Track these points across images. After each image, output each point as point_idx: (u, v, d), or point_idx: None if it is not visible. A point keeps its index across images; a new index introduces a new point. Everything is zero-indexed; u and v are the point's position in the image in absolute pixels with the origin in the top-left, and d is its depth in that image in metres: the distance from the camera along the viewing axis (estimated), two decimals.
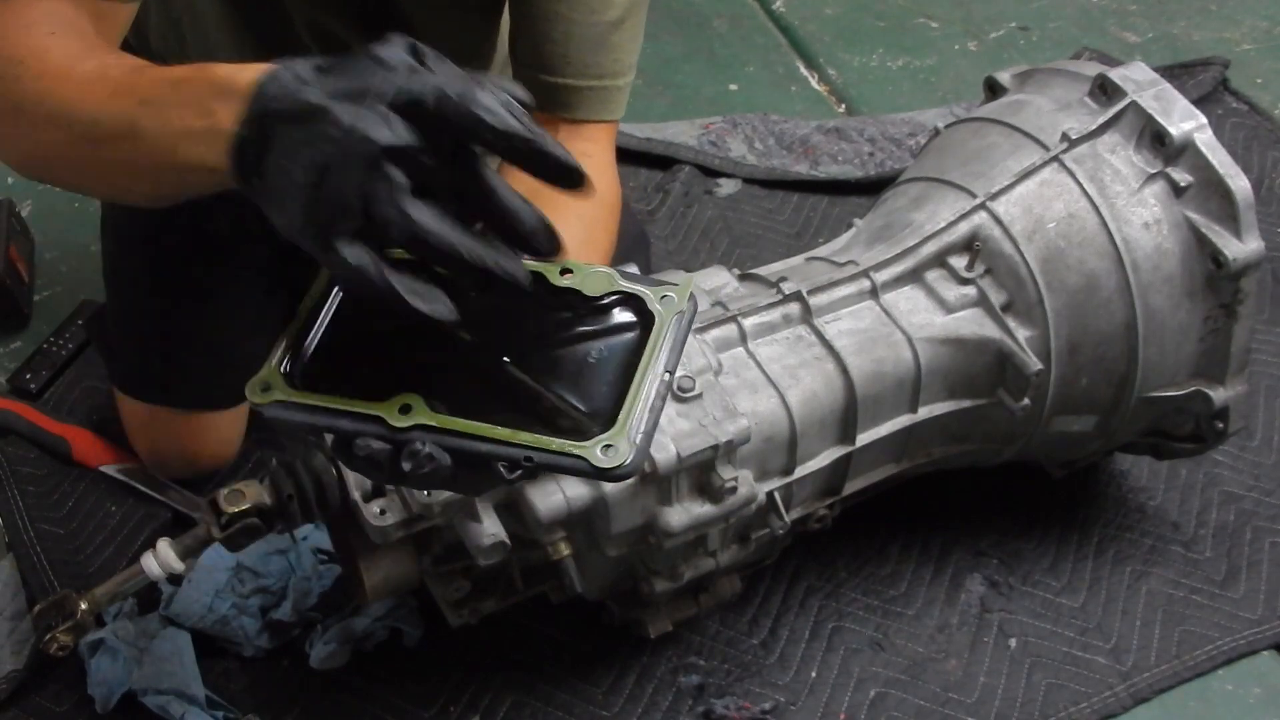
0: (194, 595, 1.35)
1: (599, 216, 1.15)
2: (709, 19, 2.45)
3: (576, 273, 0.87)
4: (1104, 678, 1.39)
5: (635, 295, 0.86)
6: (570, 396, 0.82)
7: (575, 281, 0.86)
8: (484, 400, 0.81)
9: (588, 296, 0.86)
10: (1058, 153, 1.31)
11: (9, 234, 1.80)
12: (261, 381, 0.83)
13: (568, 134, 1.17)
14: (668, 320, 0.85)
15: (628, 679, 1.38)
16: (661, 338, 0.84)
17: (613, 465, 0.78)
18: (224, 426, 1.53)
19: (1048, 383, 1.31)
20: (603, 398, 0.82)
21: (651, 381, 0.82)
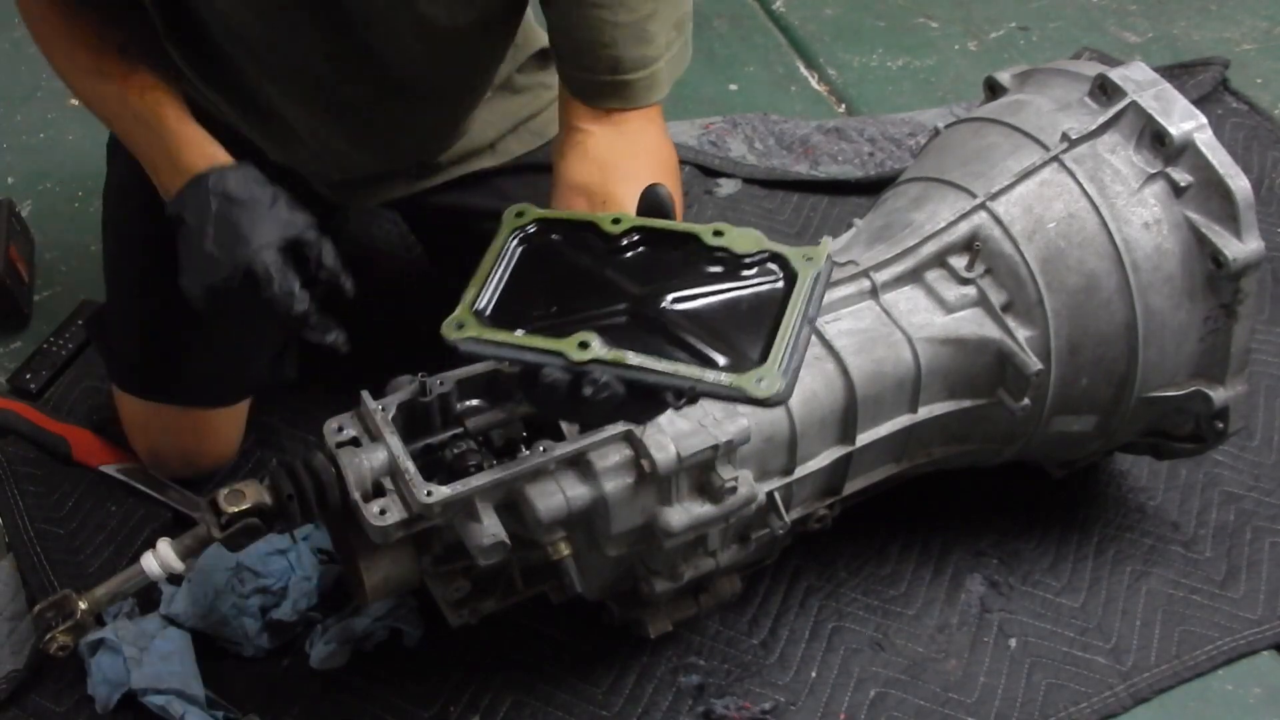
0: (194, 595, 1.35)
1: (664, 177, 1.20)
2: (709, 19, 2.45)
3: (727, 234, 0.99)
4: (1104, 678, 1.39)
5: (780, 254, 0.98)
6: (722, 339, 0.94)
7: (726, 241, 0.99)
8: (646, 341, 0.94)
9: (737, 254, 0.98)
10: (1058, 153, 1.31)
11: (9, 234, 1.80)
12: (456, 320, 0.98)
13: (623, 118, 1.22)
14: (808, 275, 0.96)
15: (628, 679, 1.38)
16: (804, 289, 0.96)
17: (766, 395, 0.89)
18: (223, 426, 1.53)
19: (1048, 383, 1.31)
20: (751, 341, 0.94)
21: (797, 326, 0.93)
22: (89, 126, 1.56)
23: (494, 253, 1.03)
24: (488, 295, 1.00)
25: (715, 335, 0.94)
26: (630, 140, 1.21)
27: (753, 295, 0.97)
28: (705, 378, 0.91)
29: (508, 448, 1.14)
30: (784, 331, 0.93)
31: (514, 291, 1.01)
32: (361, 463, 1.08)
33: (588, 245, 1.02)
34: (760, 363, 0.91)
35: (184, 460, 1.52)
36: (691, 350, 0.93)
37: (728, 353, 0.93)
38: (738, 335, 0.94)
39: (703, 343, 0.94)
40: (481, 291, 1.00)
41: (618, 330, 0.95)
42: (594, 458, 1.11)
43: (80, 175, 1.98)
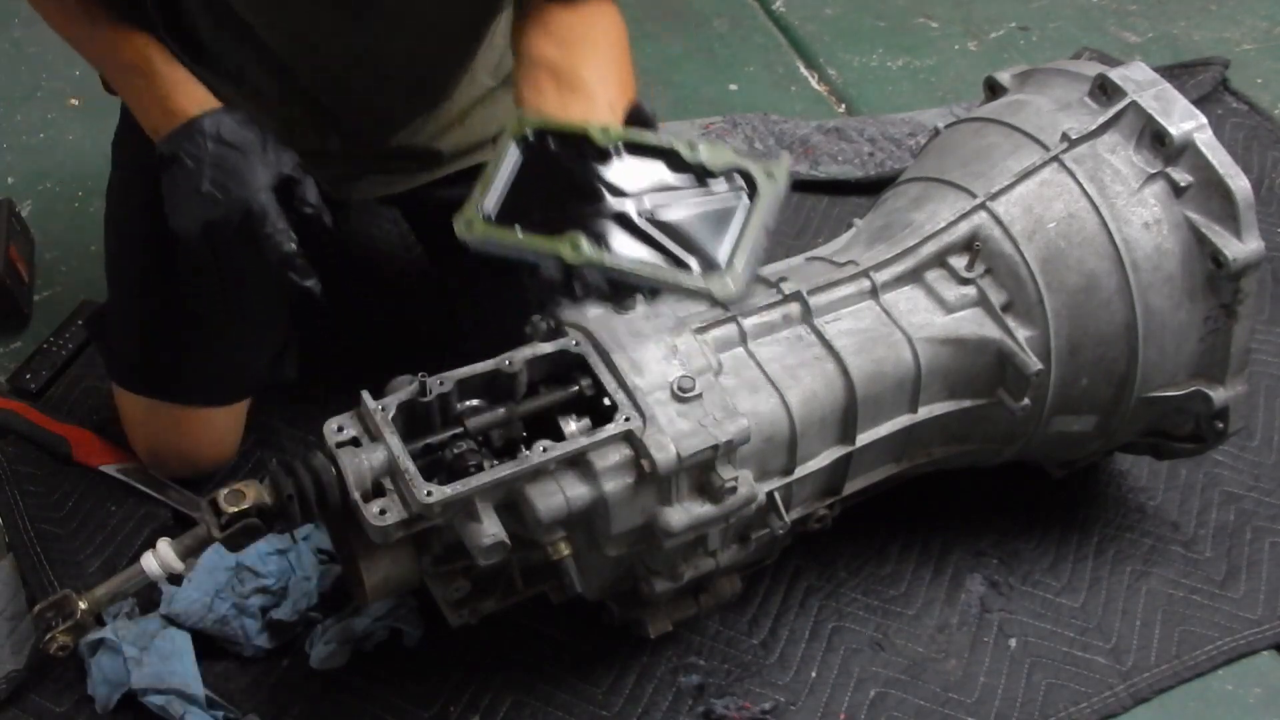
0: (194, 595, 1.35)
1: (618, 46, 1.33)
2: (709, 19, 2.45)
3: (702, 150, 1.13)
4: (1104, 678, 1.39)
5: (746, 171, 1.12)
6: (692, 243, 1.08)
7: (701, 156, 1.12)
8: (628, 242, 1.08)
9: (709, 168, 1.12)
10: (1058, 153, 1.31)
11: (9, 234, 1.80)
12: (465, 219, 1.11)
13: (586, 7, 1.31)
14: (769, 191, 1.11)
15: (628, 679, 1.38)
16: (765, 203, 1.10)
17: (724, 296, 1.05)
18: (222, 424, 1.53)
19: (1048, 383, 1.31)
20: (717, 246, 1.08)
21: (758, 235, 1.08)
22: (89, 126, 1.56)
23: (497, 158, 1.15)
24: (493, 196, 1.12)
25: (686, 240, 1.09)
26: (586, 19, 1.30)
27: (720, 205, 1.11)
28: (678, 279, 1.06)
29: (508, 448, 1.14)
30: (745, 240, 1.08)
31: (515, 193, 1.13)
32: (361, 463, 1.08)
33: (580, 153, 1.14)
34: (725, 267, 1.06)
35: (183, 460, 1.52)
36: (666, 252, 1.08)
37: (697, 255, 1.07)
38: (706, 240, 1.09)
39: (676, 246, 1.08)
40: (487, 193, 1.12)
41: (605, 232, 1.09)
42: (594, 458, 1.11)
43: (80, 175, 1.98)
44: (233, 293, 1.46)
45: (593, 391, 1.16)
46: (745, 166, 1.12)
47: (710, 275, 1.06)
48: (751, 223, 1.09)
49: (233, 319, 1.48)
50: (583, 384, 1.16)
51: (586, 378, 1.16)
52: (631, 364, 1.16)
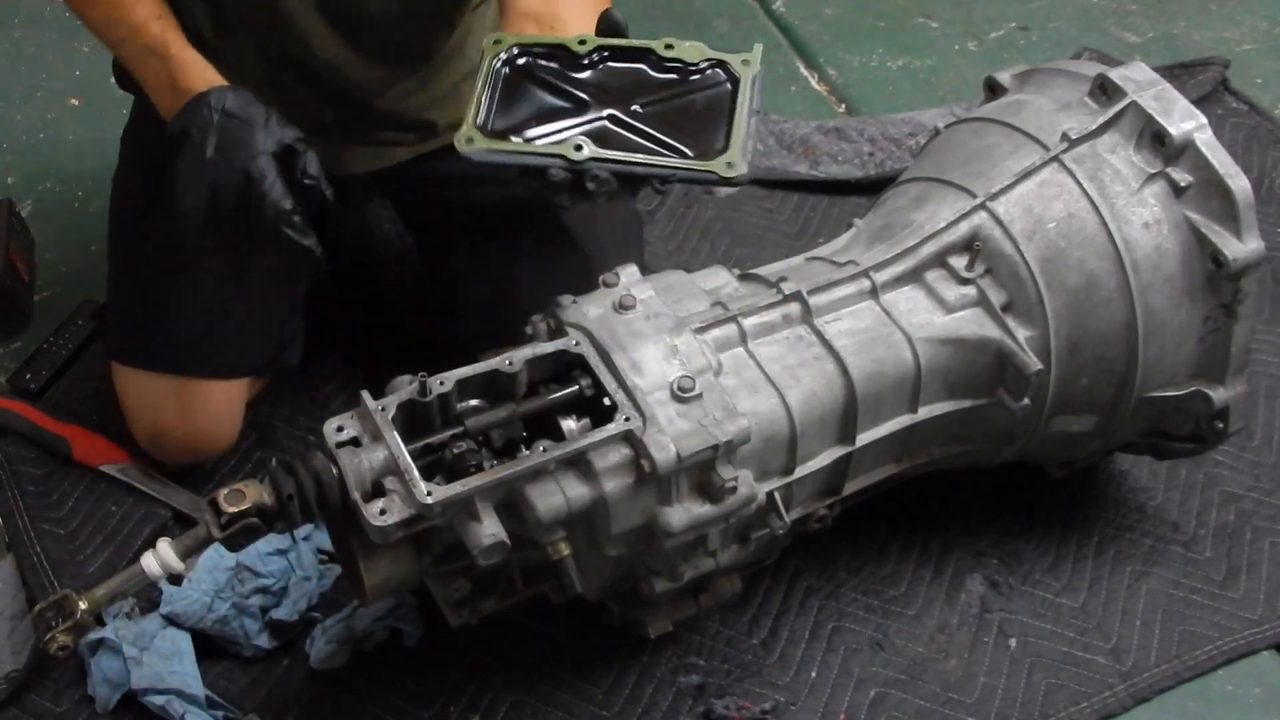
0: (194, 595, 1.35)
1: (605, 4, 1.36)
2: (709, 19, 2.45)
3: (676, 47, 1.19)
4: (1104, 678, 1.39)
5: (722, 60, 1.18)
6: (687, 134, 1.13)
7: (677, 53, 1.18)
8: (626, 140, 1.13)
9: (688, 63, 1.18)
10: (1058, 153, 1.31)
11: (9, 234, 1.80)
12: (465, 135, 1.13)
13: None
14: (748, 76, 1.16)
15: (628, 679, 1.38)
16: (747, 88, 1.15)
17: (734, 174, 1.10)
18: (222, 401, 1.52)
19: (1048, 383, 1.31)
20: (711, 133, 1.13)
21: (747, 118, 1.13)
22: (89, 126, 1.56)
23: (483, 76, 1.18)
24: (486, 112, 1.16)
25: (681, 131, 1.14)
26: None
27: (704, 96, 1.16)
28: (682, 165, 1.11)
29: (508, 448, 1.14)
30: (738, 124, 1.13)
31: (507, 107, 1.17)
32: (361, 463, 1.08)
33: (562, 64, 1.19)
34: (723, 150, 1.11)
35: (183, 442, 1.52)
36: (664, 144, 1.12)
37: (694, 145, 1.12)
38: (699, 130, 1.14)
39: (672, 138, 1.13)
40: (479, 110, 1.15)
41: (601, 133, 1.14)
42: (594, 458, 1.11)
43: (80, 175, 1.98)
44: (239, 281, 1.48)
45: (593, 391, 1.16)
46: (721, 57, 1.18)
47: (712, 159, 1.10)
48: (739, 107, 1.14)
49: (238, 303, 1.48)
50: (583, 384, 1.16)
51: (586, 378, 1.16)
52: (631, 364, 1.16)
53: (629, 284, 1.25)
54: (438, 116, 1.57)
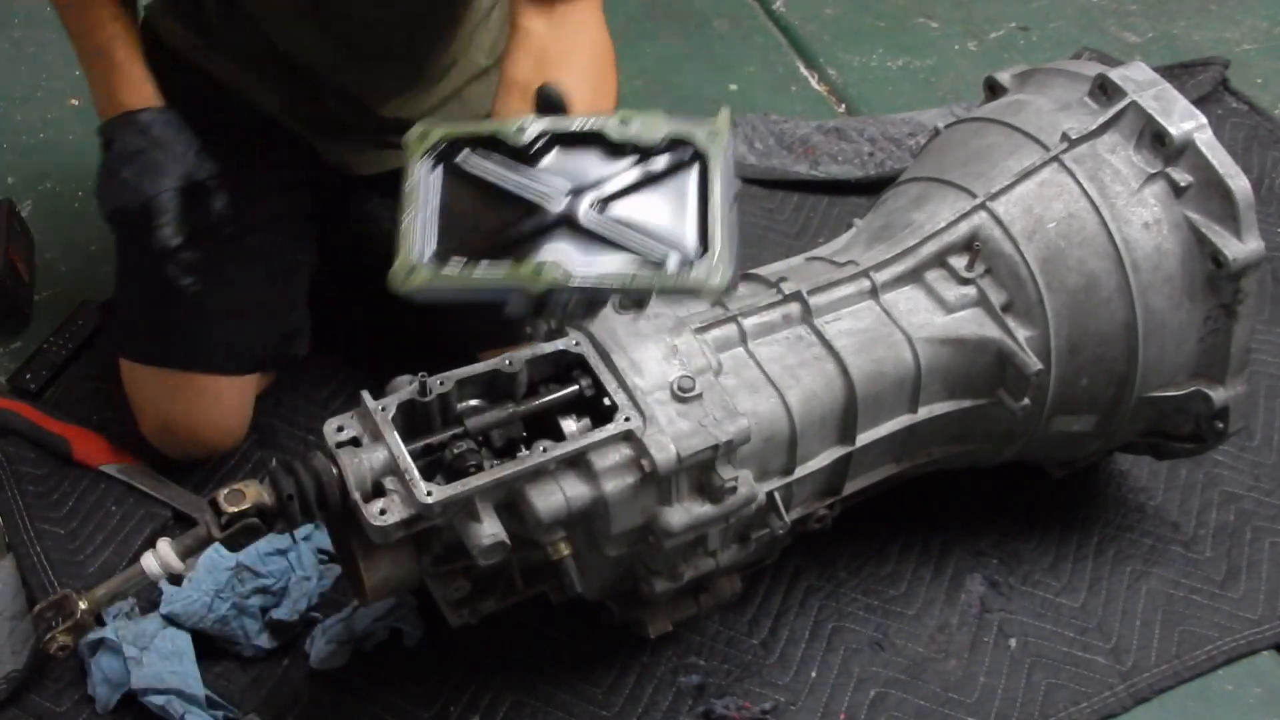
0: (194, 595, 1.35)
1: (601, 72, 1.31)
2: (709, 19, 2.45)
3: (631, 124, 1.03)
4: (1104, 678, 1.39)
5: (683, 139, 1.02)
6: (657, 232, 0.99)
7: (633, 133, 1.02)
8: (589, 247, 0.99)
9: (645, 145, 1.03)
10: (1058, 153, 1.31)
11: (9, 234, 1.80)
12: (403, 269, 0.98)
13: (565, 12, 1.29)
14: (718, 155, 1.01)
15: (628, 679, 1.38)
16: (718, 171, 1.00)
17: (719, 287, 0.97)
18: (231, 398, 1.53)
19: (1048, 383, 1.31)
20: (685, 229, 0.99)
21: (723, 211, 0.99)
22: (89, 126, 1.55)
23: (411, 183, 1.04)
24: (423, 231, 1.01)
25: (649, 229, 1.00)
26: (568, 33, 1.29)
27: (671, 182, 1.02)
28: (659, 280, 0.98)
29: (508, 448, 1.14)
30: (714, 217, 0.99)
31: (448, 219, 1.02)
32: (361, 463, 1.08)
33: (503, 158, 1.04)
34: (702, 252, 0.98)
35: (193, 435, 1.52)
36: (634, 249, 0.99)
37: (668, 246, 0.99)
38: (670, 225, 1.00)
39: (642, 239, 0.99)
40: (415, 228, 1.01)
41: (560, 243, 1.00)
42: (594, 458, 1.11)
43: (80, 175, 1.98)
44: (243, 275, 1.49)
45: (593, 391, 1.16)
46: (683, 134, 1.03)
47: (691, 268, 0.97)
48: (712, 195, 1.00)
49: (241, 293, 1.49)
50: (583, 384, 1.16)
51: (586, 378, 1.16)
52: (631, 364, 1.16)
53: None
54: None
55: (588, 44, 1.31)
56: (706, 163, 1.01)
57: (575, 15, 1.30)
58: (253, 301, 1.51)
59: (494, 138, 1.04)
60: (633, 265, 0.98)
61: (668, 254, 0.99)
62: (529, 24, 1.29)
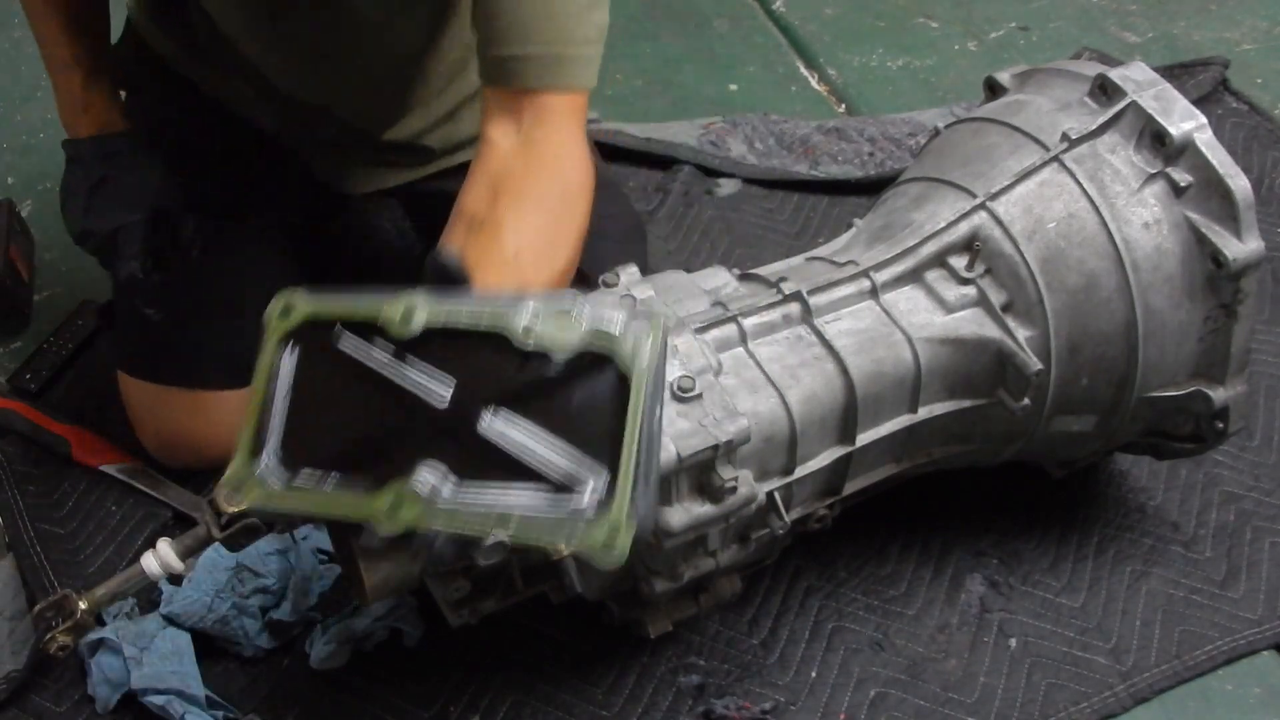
0: (194, 595, 1.35)
1: (566, 201, 1.15)
2: (709, 19, 2.45)
3: (539, 329, 0.84)
4: (1104, 678, 1.39)
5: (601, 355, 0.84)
6: (558, 446, 0.82)
7: (540, 341, 0.84)
8: (470, 470, 0.81)
9: (553, 354, 0.84)
10: (1058, 153, 1.31)
11: (9, 234, 1.80)
12: (232, 480, 0.83)
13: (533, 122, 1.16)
14: (640, 381, 0.83)
15: (628, 679, 1.38)
16: (638, 401, 0.82)
17: (616, 550, 0.79)
18: (231, 410, 1.52)
19: (1048, 383, 1.31)
20: (594, 442, 0.82)
21: (641, 445, 0.81)
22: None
23: (264, 372, 0.87)
24: (269, 430, 0.86)
25: (550, 444, 0.82)
26: (534, 157, 1.15)
27: (583, 397, 0.84)
28: (544, 533, 0.80)
29: None
30: (626, 458, 0.81)
31: (299, 421, 0.86)
32: None
33: (381, 348, 0.87)
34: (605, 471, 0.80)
35: (193, 448, 1.52)
36: (527, 471, 0.82)
37: (572, 471, 0.81)
38: (575, 439, 0.82)
39: (541, 456, 0.82)
40: (257, 434, 0.86)
41: (439, 451, 0.82)
42: None
43: None
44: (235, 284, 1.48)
45: None
46: (601, 347, 0.84)
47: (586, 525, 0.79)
48: (629, 426, 0.81)
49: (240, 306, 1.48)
50: None
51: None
52: None
53: (629, 284, 1.25)
54: (433, 141, 1.55)
55: (555, 174, 1.16)
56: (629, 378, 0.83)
57: (548, 134, 1.16)
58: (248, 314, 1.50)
59: (371, 324, 0.87)
60: (523, 496, 0.81)
61: (570, 485, 0.81)
62: (494, 134, 1.16)
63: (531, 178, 1.13)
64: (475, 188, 1.14)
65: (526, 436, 0.83)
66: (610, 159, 1.96)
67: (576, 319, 0.84)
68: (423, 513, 0.79)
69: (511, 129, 1.16)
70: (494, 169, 1.14)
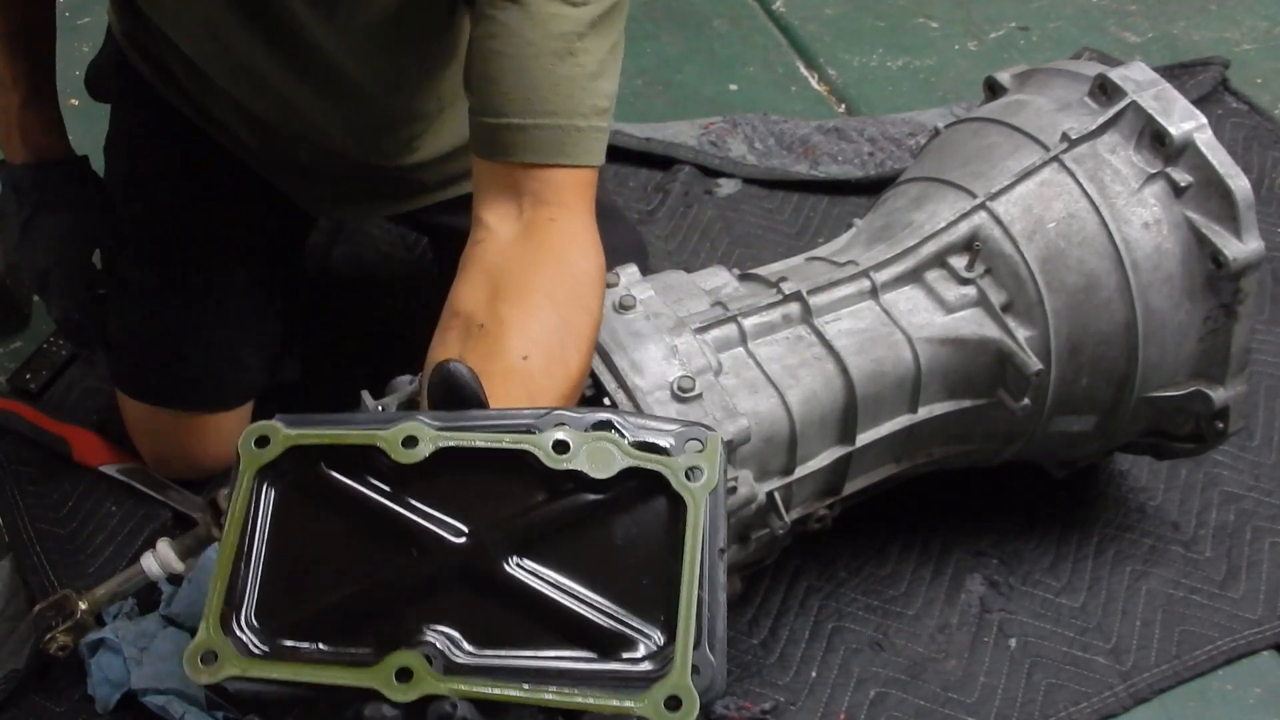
0: (194, 595, 1.35)
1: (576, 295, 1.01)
2: (709, 19, 2.45)
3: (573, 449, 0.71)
4: (1104, 678, 1.39)
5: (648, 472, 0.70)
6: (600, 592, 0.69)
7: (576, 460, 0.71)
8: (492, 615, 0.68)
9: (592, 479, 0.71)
10: (1058, 153, 1.31)
11: None
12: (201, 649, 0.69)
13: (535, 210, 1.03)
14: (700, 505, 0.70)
15: None
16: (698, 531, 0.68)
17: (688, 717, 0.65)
18: (227, 427, 1.53)
19: (1048, 383, 1.31)
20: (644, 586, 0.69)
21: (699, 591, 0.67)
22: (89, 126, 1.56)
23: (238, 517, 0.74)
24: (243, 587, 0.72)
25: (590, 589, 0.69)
26: (537, 241, 1.01)
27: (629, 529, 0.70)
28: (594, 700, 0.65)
29: None
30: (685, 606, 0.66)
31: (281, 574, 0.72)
32: None
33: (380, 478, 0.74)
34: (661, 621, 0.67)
35: (188, 462, 1.52)
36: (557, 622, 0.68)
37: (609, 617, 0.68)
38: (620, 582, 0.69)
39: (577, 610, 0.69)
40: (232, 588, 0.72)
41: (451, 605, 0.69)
42: None
43: None
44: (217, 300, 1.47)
45: (593, 391, 1.16)
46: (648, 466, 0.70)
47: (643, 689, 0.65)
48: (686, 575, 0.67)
49: (224, 324, 1.48)
50: None
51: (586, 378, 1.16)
52: (631, 364, 1.16)
53: (629, 284, 1.25)
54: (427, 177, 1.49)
55: (562, 264, 1.00)
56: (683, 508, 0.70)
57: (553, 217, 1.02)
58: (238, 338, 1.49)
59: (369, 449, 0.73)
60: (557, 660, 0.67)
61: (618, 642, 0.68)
62: (490, 219, 1.02)
63: (535, 270, 0.99)
64: (470, 284, 0.99)
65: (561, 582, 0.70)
66: (610, 159, 1.95)
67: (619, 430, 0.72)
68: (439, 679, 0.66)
69: (511, 212, 1.03)
70: (491, 261, 1.00)
